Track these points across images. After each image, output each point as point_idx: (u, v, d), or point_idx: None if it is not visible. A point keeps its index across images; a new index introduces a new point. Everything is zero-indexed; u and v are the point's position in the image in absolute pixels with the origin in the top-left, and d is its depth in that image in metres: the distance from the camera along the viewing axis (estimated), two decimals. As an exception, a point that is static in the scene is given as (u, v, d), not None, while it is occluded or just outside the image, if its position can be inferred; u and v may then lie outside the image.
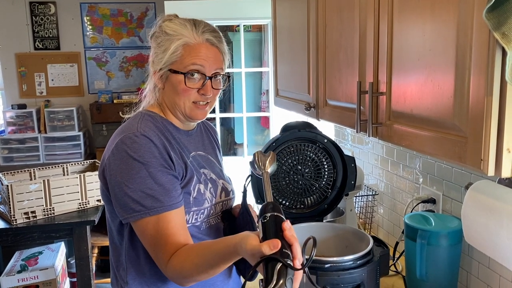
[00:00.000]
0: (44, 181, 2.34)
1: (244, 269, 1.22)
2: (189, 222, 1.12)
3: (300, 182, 1.45)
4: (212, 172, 1.22)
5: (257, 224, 1.15)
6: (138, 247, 1.11)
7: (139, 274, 1.13)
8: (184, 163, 1.11)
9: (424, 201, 1.51)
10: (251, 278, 1.20)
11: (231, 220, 1.24)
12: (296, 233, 1.34)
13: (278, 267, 0.77)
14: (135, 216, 1.03)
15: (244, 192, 1.20)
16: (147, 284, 1.12)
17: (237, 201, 1.30)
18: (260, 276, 1.27)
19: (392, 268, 1.51)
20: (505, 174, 0.76)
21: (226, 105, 4.44)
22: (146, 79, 1.22)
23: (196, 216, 1.14)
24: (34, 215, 2.32)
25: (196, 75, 1.12)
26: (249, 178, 1.18)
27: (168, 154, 1.07)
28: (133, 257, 1.13)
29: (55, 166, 2.64)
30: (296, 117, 1.69)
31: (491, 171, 0.77)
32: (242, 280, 1.28)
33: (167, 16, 1.17)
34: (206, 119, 1.25)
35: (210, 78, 1.13)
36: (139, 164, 1.02)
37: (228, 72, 1.20)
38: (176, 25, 1.13)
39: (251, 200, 1.36)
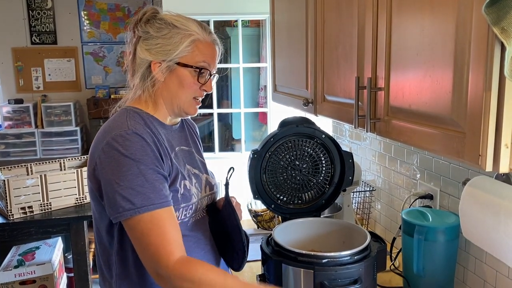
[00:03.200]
0: (41, 176, 2.33)
1: (232, 260, 1.24)
2: (179, 219, 1.12)
3: (298, 178, 1.45)
4: (195, 167, 1.23)
5: (237, 213, 1.20)
6: (127, 247, 1.10)
7: (127, 275, 1.12)
8: (170, 160, 1.11)
9: (421, 197, 1.52)
10: (238, 268, 1.22)
11: (215, 213, 1.25)
12: (294, 228, 1.35)
13: None
14: (125, 214, 1.01)
15: (226, 185, 1.21)
16: (134, 285, 1.12)
17: (222, 194, 1.31)
18: (257, 271, 1.27)
19: (389, 263, 1.51)
20: (503, 169, 0.76)
21: (223, 100, 4.43)
22: (126, 71, 1.19)
23: (185, 212, 1.14)
24: (31, 210, 2.31)
25: (204, 72, 1.15)
26: (231, 171, 1.19)
27: (159, 152, 1.07)
28: (122, 257, 1.12)
29: (52, 161, 2.63)
30: (294, 112, 1.68)
31: (489, 167, 0.77)
32: (231, 271, 1.29)
33: (155, 10, 1.15)
34: (200, 114, 1.26)
35: (212, 75, 1.18)
36: (130, 161, 1.01)
37: (216, 72, 1.24)
38: (183, 19, 1.15)
39: (237, 193, 1.37)
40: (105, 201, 1.05)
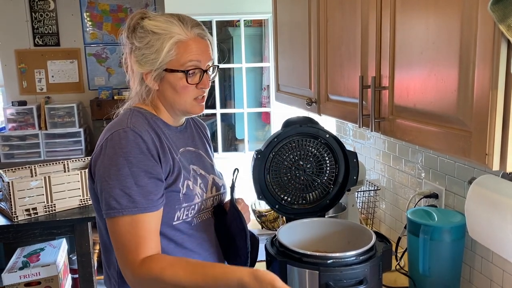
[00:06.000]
0: (45, 177, 2.33)
1: (235, 265, 1.21)
2: (180, 218, 1.12)
3: (302, 178, 1.44)
4: (202, 168, 1.22)
5: (243, 216, 1.17)
6: None
7: None
8: (172, 160, 1.11)
9: (426, 196, 1.51)
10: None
11: (222, 215, 1.24)
12: (298, 229, 1.34)
13: None
14: (110, 213, 1.03)
15: (232, 187, 1.20)
16: None
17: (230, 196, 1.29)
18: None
19: (394, 263, 1.50)
20: (510, 168, 0.75)
21: (226, 100, 4.43)
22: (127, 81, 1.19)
23: (187, 212, 1.14)
24: (35, 211, 2.32)
25: (195, 71, 1.12)
26: (236, 172, 1.18)
27: (157, 150, 1.07)
28: None
29: (56, 163, 2.63)
30: (298, 112, 1.68)
31: (496, 166, 0.76)
32: None
33: (142, 14, 1.14)
34: (203, 115, 1.25)
35: (206, 71, 1.14)
36: (123, 161, 1.02)
37: (215, 62, 1.20)
38: (162, 22, 1.10)
39: (243, 194, 1.36)
40: (99, 197, 1.07)
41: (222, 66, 3.90)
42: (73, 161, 2.68)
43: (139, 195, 1.02)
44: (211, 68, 1.17)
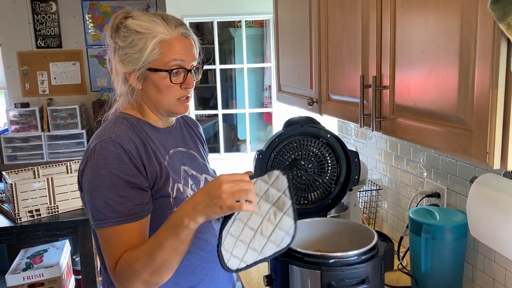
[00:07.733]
0: (47, 179, 2.34)
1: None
2: None
3: (304, 178, 1.44)
4: (193, 168, 1.22)
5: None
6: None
7: None
8: (159, 165, 1.11)
9: (428, 195, 1.51)
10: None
11: None
12: (300, 229, 1.34)
13: None
14: (96, 224, 1.05)
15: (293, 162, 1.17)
16: None
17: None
18: (264, 272, 1.27)
19: (396, 262, 1.50)
20: (511, 167, 0.75)
21: (228, 101, 4.43)
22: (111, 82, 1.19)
23: None
24: (38, 213, 2.33)
25: (178, 71, 1.11)
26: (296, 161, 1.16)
27: (140, 158, 1.07)
28: None
29: (59, 164, 2.64)
30: (299, 112, 1.68)
31: (496, 164, 0.76)
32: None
33: (125, 13, 1.13)
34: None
35: (190, 71, 1.13)
36: (104, 173, 1.03)
37: (200, 61, 1.19)
38: (145, 22, 1.10)
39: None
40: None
41: (224, 66, 3.91)
42: (75, 162, 2.69)
43: (122, 205, 1.03)
44: (196, 68, 1.16)
